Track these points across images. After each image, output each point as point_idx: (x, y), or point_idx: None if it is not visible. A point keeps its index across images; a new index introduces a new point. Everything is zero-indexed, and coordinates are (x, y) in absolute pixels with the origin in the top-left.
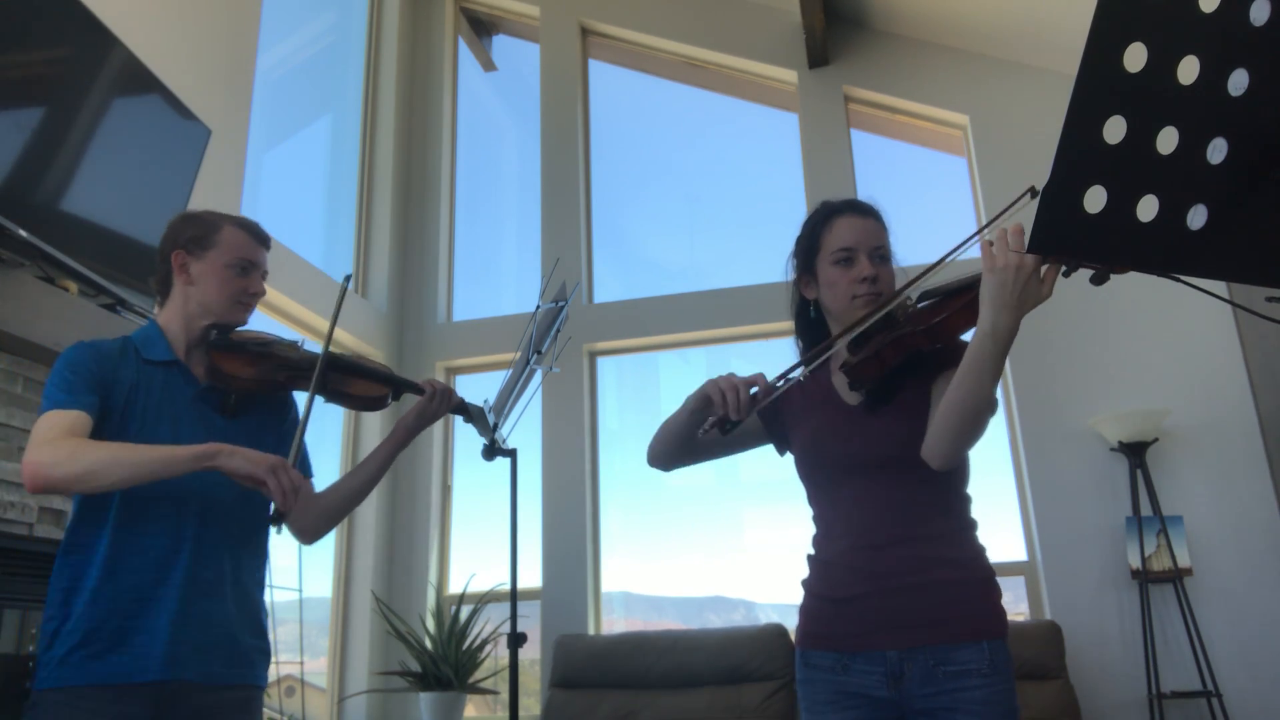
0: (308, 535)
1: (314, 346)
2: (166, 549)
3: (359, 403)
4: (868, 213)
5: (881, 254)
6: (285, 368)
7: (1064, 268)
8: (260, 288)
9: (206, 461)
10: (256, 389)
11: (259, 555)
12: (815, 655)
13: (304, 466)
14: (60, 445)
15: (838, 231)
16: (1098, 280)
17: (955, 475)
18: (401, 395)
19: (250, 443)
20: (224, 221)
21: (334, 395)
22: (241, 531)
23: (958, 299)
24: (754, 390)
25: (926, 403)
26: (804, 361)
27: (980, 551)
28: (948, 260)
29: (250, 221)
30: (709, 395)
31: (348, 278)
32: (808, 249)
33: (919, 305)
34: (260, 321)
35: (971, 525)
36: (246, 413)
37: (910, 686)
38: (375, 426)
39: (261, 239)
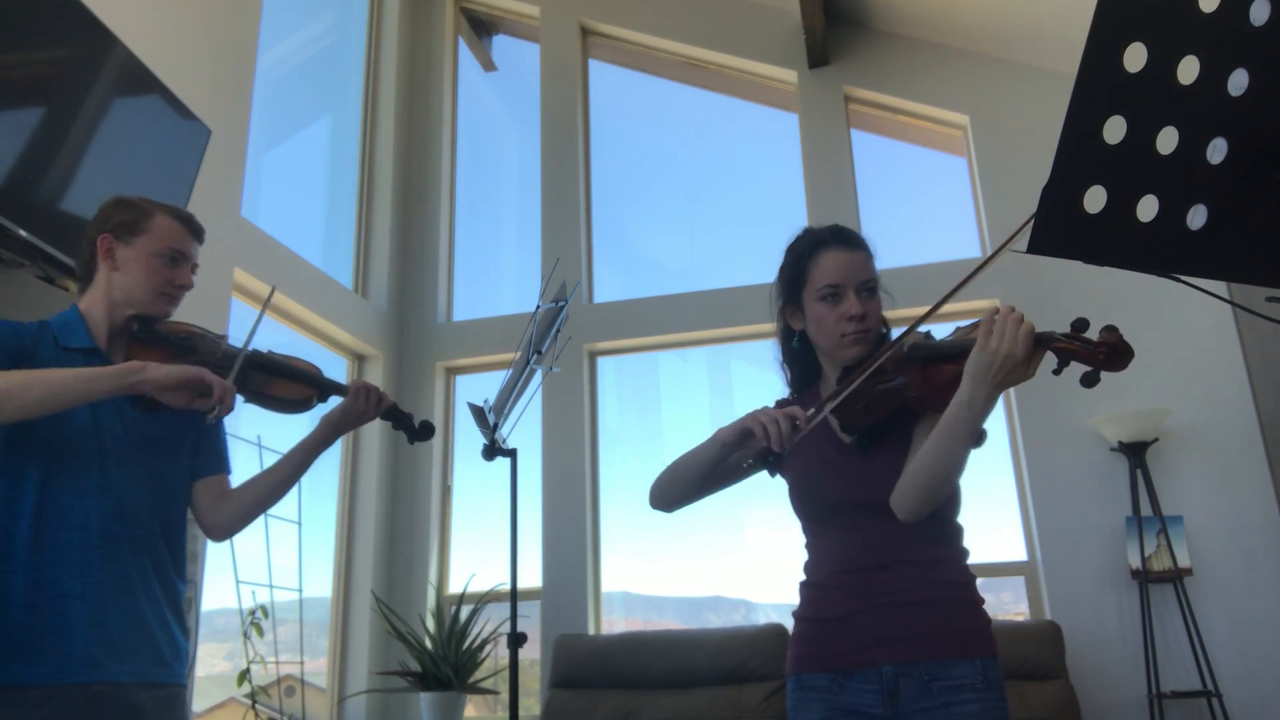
0: (218, 532)
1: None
2: (88, 544)
3: (279, 405)
4: (855, 244)
5: (869, 287)
6: (205, 366)
7: (1057, 363)
8: (188, 280)
9: (133, 378)
10: None
11: (181, 551)
12: (809, 678)
13: (221, 460)
14: None
15: (824, 266)
16: (1088, 382)
17: (947, 507)
18: (328, 398)
19: (169, 440)
20: (157, 209)
21: (253, 396)
22: (163, 528)
23: (951, 365)
24: (795, 422)
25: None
26: (835, 394)
27: (971, 579)
28: (941, 307)
29: (185, 212)
30: (749, 429)
31: (273, 289)
32: (793, 280)
33: (910, 357)
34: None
35: (963, 554)
36: (165, 407)
37: (906, 702)
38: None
39: (195, 230)
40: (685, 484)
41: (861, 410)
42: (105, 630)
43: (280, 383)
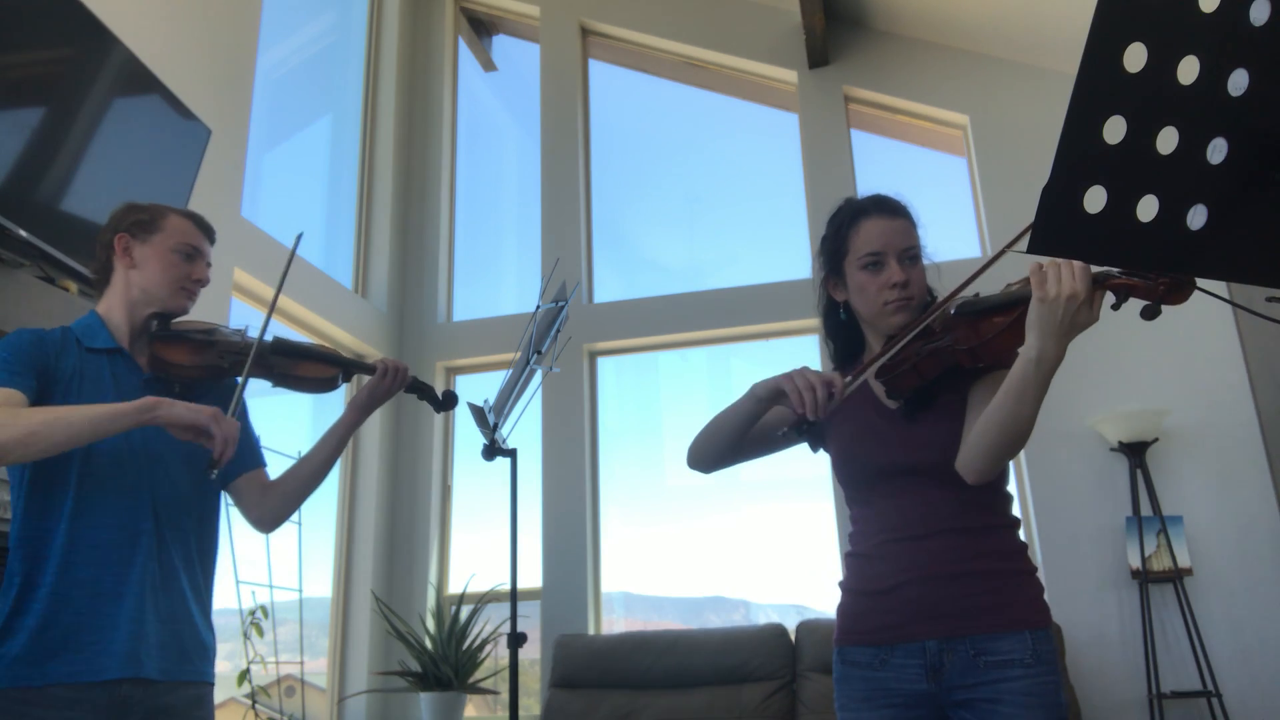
0: (265, 524)
1: (293, 333)
2: (122, 543)
3: (307, 385)
4: (896, 212)
5: (912, 255)
6: (230, 354)
7: (1114, 299)
8: (205, 275)
9: (148, 414)
10: (201, 375)
11: (211, 549)
12: (852, 651)
13: (255, 456)
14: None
15: (865, 234)
16: (1149, 314)
17: (996, 475)
18: (353, 376)
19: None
20: (168, 210)
21: (281, 379)
22: (195, 524)
23: (1001, 317)
24: (831, 390)
25: (965, 406)
26: (877, 357)
27: (1022, 547)
28: (981, 274)
29: (195, 212)
30: (783, 389)
31: (299, 236)
32: (834, 250)
33: (958, 314)
34: (257, 320)
35: (1013, 523)
36: (193, 400)
37: (950, 678)
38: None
39: (206, 229)
40: (721, 441)
41: (909, 372)
42: (142, 629)
43: (304, 364)
